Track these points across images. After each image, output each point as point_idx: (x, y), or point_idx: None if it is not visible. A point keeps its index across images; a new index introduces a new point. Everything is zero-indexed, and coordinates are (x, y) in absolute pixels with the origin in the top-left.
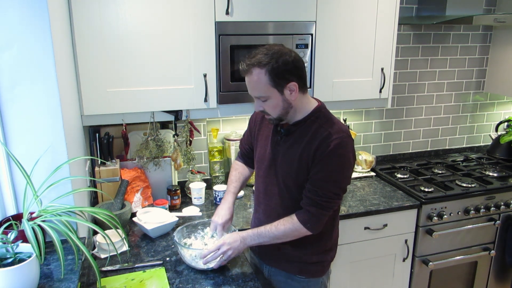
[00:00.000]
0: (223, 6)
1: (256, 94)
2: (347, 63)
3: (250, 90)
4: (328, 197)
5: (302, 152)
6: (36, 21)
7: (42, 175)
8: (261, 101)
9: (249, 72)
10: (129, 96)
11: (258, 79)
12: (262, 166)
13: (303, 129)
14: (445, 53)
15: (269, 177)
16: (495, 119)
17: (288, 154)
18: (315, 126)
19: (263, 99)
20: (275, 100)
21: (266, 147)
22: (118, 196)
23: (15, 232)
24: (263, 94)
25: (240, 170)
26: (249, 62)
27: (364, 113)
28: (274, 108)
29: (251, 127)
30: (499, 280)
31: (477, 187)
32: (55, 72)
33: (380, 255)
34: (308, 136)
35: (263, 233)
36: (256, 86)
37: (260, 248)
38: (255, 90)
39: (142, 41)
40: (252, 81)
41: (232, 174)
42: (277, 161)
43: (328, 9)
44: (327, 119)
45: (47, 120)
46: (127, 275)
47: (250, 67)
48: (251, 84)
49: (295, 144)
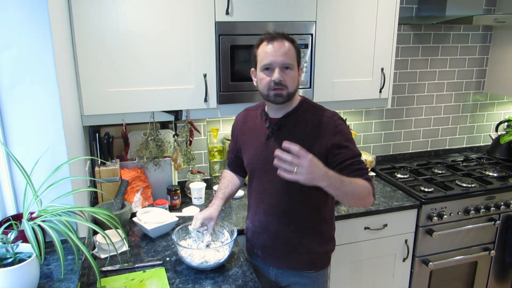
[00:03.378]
0: (223, 6)
1: (285, 60)
2: (347, 63)
3: (280, 55)
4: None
5: (309, 141)
6: (36, 21)
7: (42, 175)
8: (284, 70)
9: (281, 40)
10: (129, 96)
11: (290, 47)
12: (257, 167)
13: (296, 120)
14: (445, 53)
15: (266, 175)
16: (495, 119)
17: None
18: (309, 115)
19: (288, 67)
20: (295, 72)
21: (257, 147)
22: (118, 196)
23: (15, 232)
24: (291, 62)
25: (229, 178)
26: (278, 33)
27: (364, 113)
28: (293, 80)
29: (234, 136)
30: (499, 280)
31: (477, 187)
32: (55, 72)
33: (380, 255)
34: (308, 126)
35: (345, 179)
36: (287, 52)
37: (264, 252)
38: (286, 56)
39: (142, 41)
40: (284, 48)
41: (221, 182)
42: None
43: (328, 9)
44: (317, 108)
45: (47, 120)
46: (127, 275)
47: (281, 36)
48: (282, 49)
49: (290, 135)
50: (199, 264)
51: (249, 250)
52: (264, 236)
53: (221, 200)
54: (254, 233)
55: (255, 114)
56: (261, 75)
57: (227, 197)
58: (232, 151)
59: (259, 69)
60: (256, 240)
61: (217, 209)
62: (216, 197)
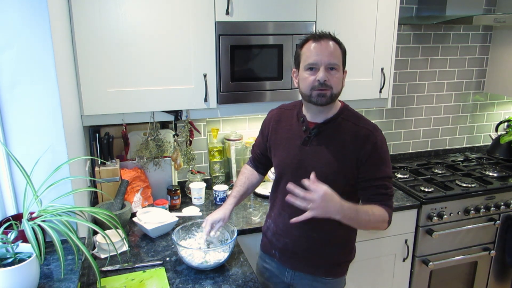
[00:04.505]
0: (223, 6)
1: (332, 60)
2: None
3: (327, 54)
4: (390, 188)
5: (344, 151)
6: (36, 21)
7: (42, 175)
8: (329, 70)
9: (327, 40)
10: (129, 96)
11: (336, 48)
12: (288, 170)
13: (336, 128)
14: (445, 53)
15: (296, 179)
16: (495, 119)
17: (322, 153)
18: (349, 125)
19: (334, 68)
20: (340, 74)
21: (290, 150)
22: (118, 196)
23: (15, 232)
24: (337, 62)
25: (247, 175)
26: (325, 33)
27: (364, 113)
28: (338, 81)
29: (264, 133)
30: (499, 280)
31: (477, 187)
32: (55, 72)
33: (380, 255)
34: (347, 135)
35: (360, 210)
36: (334, 52)
37: (283, 254)
38: (332, 56)
39: (142, 41)
40: (331, 48)
41: (238, 179)
42: (306, 162)
43: (328, 9)
44: (358, 117)
45: (47, 120)
46: (127, 275)
47: (328, 36)
48: (329, 49)
49: (329, 142)
50: (199, 264)
51: (265, 248)
52: (286, 239)
53: (234, 199)
54: (275, 234)
55: (290, 114)
56: (304, 74)
57: (242, 195)
58: (258, 147)
59: (302, 68)
60: (277, 241)
61: (229, 209)
62: (230, 195)
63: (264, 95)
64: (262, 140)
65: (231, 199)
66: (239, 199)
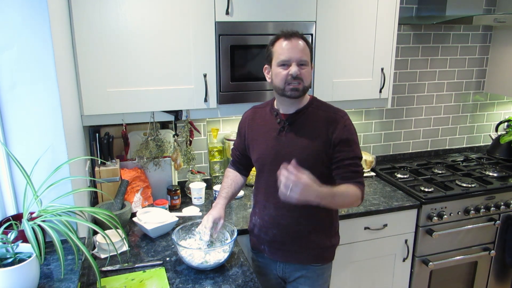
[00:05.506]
0: (223, 6)
1: (302, 57)
2: (347, 63)
3: (297, 52)
4: (360, 166)
5: (317, 136)
6: (36, 21)
7: (42, 175)
8: (300, 66)
9: (297, 38)
10: (129, 96)
11: (305, 46)
12: (267, 161)
13: (307, 116)
14: (445, 53)
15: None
16: (495, 119)
17: (296, 141)
18: (320, 112)
19: (304, 63)
20: (309, 68)
21: (267, 142)
22: (118, 196)
23: (15, 232)
24: (307, 59)
25: (232, 177)
26: (294, 32)
27: (364, 113)
28: (308, 75)
29: (241, 133)
30: (499, 280)
31: (477, 187)
32: (55, 72)
33: (380, 255)
34: (318, 122)
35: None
36: (304, 50)
37: (272, 246)
38: (303, 53)
39: (142, 41)
40: (301, 45)
41: (224, 181)
42: (284, 151)
43: (328, 9)
44: (327, 106)
45: (47, 120)
46: (127, 275)
47: (297, 35)
48: (299, 47)
49: (301, 130)
50: (199, 264)
51: (254, 246)
52: (274, 230)
53: (224, 199)
54: (262, 228)
55: (263, 111)
56: (277, 70)
57: (231, 197)
58: (237, 148)
59: (275, 64)
60: (265, 235)
61: (222, 207)
62: (220, 197)
63: (264, 95)
64: (240, 140)
65: (221, 200)
66: (229, 200)
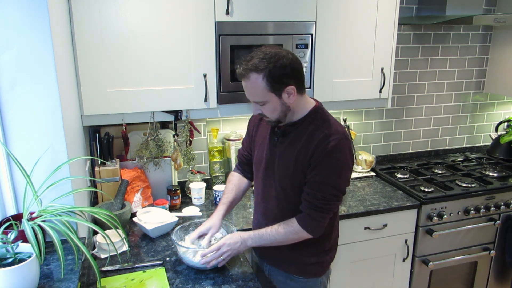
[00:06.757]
0: (223, 6)
1: (253, 99)
2: (347, 63)
3: (248, 94)
4: (327, 200)
5: (298, 154)
6: (36, 21)
7: (42, 175)
8: (259, 105)
9: (246, 76)
10: (129, 96)
11: (256, 84)
12: (260, 168)
13: (300, 130)
14: (445, 53)
15: (267, 179)
16: (495, 119)
17: (284, 155)
18: (311, 127)
19: (261, 104)
20: (273, 104)
21: (264, 149)
22: (118, 196)
23: (15, 232)
24: (261, 99)
25: (235, 182)
26: (246, 66)
27: (364, 113)
28: (272, 111)
29: (250, 129)
30: (499, 280)
31: (477, 187)
32: (55, 72)
33: (380, 255)
34: (304, 138)
35: (264, 235)
36: (253, 91)
37: (260, 248)
38: (253, 95)
39: (142, 41)
40: (249, 86)
41: (226, 186)
42: (274, 163)
43: (328, 9)
44: (324, 120)
45: (47, 120)
46: (127, 275)
47: (247, 71)
48: (248, 89)
49: (291, 145)
50: (199, 264)
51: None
52: None
53: (224, 206)
54: (254, 228)
55: None
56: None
57: (232, 202)
58: (245, 149)
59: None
60: None
61: (219, 218)
62: (220, 203)
63: None
64: (249, 139)
65: (221, 206)
66: (230, 206)
